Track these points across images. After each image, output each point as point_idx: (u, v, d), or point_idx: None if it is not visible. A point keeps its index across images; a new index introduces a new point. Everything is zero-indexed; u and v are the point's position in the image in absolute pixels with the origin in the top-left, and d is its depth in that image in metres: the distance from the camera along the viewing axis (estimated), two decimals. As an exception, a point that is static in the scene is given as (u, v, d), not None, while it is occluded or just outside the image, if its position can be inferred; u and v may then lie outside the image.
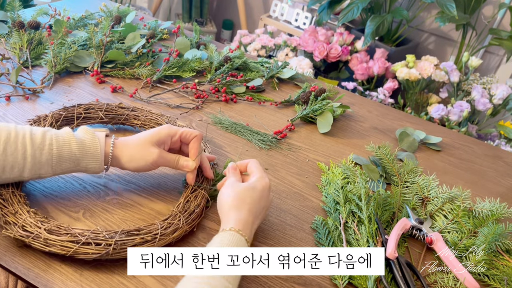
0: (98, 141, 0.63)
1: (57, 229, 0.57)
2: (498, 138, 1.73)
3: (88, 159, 0.63)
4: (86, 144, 0.62)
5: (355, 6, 1.97)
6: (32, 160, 0.59)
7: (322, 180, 0.81)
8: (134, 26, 1.16)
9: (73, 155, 0.61)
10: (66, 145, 0.61)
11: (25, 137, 0.59)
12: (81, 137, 0.63)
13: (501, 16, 2.11)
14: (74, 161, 0.62)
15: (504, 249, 0.70)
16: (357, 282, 0.61)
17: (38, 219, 0.58)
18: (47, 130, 0.61)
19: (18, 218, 0.58)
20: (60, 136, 0.61)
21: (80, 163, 0.62)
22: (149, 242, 0.58)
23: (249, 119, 0.97)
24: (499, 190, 0.89)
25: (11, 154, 0.58)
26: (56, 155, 0.60)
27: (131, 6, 2.46)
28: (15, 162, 0.58)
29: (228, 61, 1.10)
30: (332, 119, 0.97)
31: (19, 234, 0.56)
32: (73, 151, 0.61)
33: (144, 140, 0.66)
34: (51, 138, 0.60)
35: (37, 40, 1.05)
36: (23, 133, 0.59)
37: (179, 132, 0.68)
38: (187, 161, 0.68)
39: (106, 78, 1.00)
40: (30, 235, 0.56)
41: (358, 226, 0.70)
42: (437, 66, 1.97)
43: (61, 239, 0.56)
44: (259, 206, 0.61)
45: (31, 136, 0.59)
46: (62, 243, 0.55)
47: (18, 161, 0.58)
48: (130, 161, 0.65)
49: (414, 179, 0.83)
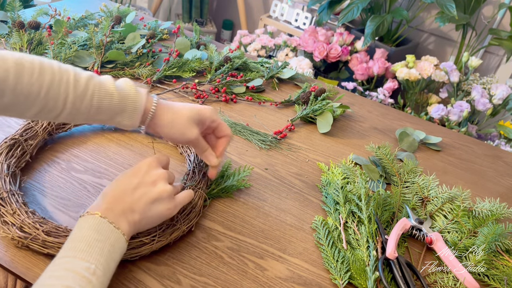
0: (140, 97, 0.61)
1: (56, 230, 0.57)
2: (498, 138, 1.73)
3: (125, 114, 0.60)
4: (128, 99, 0.60)
5: (355, 6, 1.97)
6: (71, 107, 0.56)
7: (322, 180, 0.81)
8: (134, 26, 1.16)
9: (112, 108, 0.59)
10: (108, 97, 0.58)
11: (69, 82, 0.55)
12: (123, 89, 0.60)
13: (501, 16, 2.11)
14: (110, 114, 0.59)
15: (504, 249, 0.70)
16: (357, 282, 0.61)
17: (37, 220, 0.58)
18: (91, 77, 0.58)
19: (16, 218, 0.57)
20: (103, 87, 0.58)
21: (116, 117, 0.60)
22: (147, 244, 0.58)
23: (249, 119, 0.97)
24: (499, 190, 0.89)
25: (52, 98, 0.55)
26: (96, 105, 0.57)
27: (131, 6, 2.46)
28: (54, 106, 0.55)
29: (228, 61, 1.10)
30: (332, 119, 0.97)
31: (17, 236, 0.56)
32: (113, 104, 0.58)
33: (188, 114, 0.64)
34: (93, 88, 0.57)
35: (37, 40, 1.05)
36: (67, 77, 0.56)
37: (218, 121, 0.68)
38: (213, 155, 0.68)
39: (106, 78, 1.00)
40: (29, 237, 0.56)
41: (358, 226, 0.70)
42: (437, 66, 1.97)
43: (60, 241, 0.56)
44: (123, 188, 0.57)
45: (74, 82, 0.56)
46: (60, 246, 0.55)
47: (58, 105, 0.55)
48: (168, 126, 0.63)
49: (414, 179, 0.83)
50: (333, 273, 0.62)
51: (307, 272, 0.63)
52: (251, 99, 1.03)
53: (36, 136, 0.73)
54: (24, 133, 0.72)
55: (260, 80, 1.09)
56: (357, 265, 0.63)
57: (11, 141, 0.69)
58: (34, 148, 0.72)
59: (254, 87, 1.06)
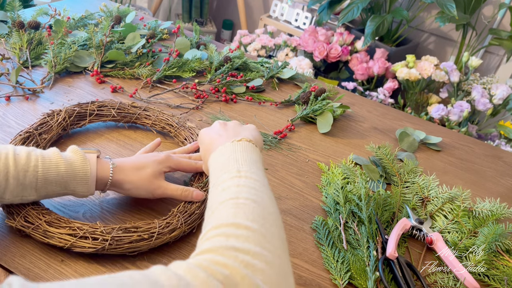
0: (88, 164, 0.59)
1: (57, 221, 0.58)
2: (498, 138, 1.73)
3: (76, 183, 0.58)
4: (75, 167, 0.58)
5: (355, 6, 1.97)
6: (14, 182, 0.54)
7: (322, 180, 0.81)
8: (134, 26, 1.16)
9: (60, 178, 0.57)
10: (53, 167, 0.56)
11: (8, 157, 0.54)
12: (70, 158, 0.58)
13: (501, 16, 2.11)
14: (61, 184, 0.58)
15: (504, 249, 0.70)
16: (357, 282, 0.61)
17: (40, 210, 0.59)
18: (32, 150, 0.57)
19: (21, 208, 0.59)
20: (46, 157, 0.57)
21: (68, 186, 0.58)
22: (145, 240, 0.59)
23: (249, 119, 0.96)
24: (499, 190, 0.89)
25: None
26: (41, 177, 0.56)
27: (131, 6, 2.46)
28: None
29: (228, 61, 1.10)
30: (332, 119, 0.97)
31: (21, 225, 0.57)
32: (61, 173, 0.57)
33: (150, 172, 0.64)
34: (36, 159, 0.56)
35: (37, 40, 1.05)
36: (6, 152, 0.55)
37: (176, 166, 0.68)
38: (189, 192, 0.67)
39: (106, 78, 1.00)
40: (31, 226, 0.57)
41: (358, 226, 0.70)
42: (437, 66, 1.97)
43: (60, 232, 0.57)
44: None
45: (14, 156, 0.54)
46: (60, 236, 0.56)
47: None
48: (133, 189, 0.63)
49: (414, 179, 0.83)
50: (333, 273, 0.62)
51: (307, 272, 0.63)
52: (251, 99, 1.03)
53: (51, 131, 0.75)
54: (39, 127, 0.74)
55: (260, 80, 1.09)
56: (357, 265, 0.63)
57: (25, 134, 0.71)
58: (47, 142, 0.74)
59: (254, 87, 1.06)
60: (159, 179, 0.65)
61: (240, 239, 0.39)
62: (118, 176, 0.62)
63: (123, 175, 0.62)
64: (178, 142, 0.82)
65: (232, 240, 0.39)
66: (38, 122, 0.75)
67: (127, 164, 0.64)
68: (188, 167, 0.69)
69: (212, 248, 0.38)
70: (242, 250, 0.38)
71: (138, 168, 0.64)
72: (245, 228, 0.40)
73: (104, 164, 0.61)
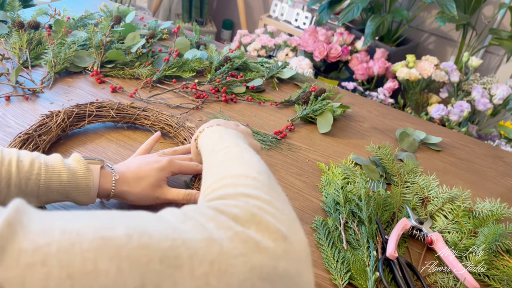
0: (91, 175, 0.58)
1: None
2: (498, 138, 1.73)
3: (78, 193, 0.58)
4: (78, 177, 0.57)
5: (355, 6, 1.97)
6: (15, 190, 0.53)
7: (322, 180, 0.81)
8: (134, 26, 1.16)
9: (61, 188, 0.56)
10: (56, 176, 0.55)
11: (11, 164, 0.53)
12: (73, 168, 0.57)
13: (501, 16, 2.10)
14: (62, 194, 0.57)
15: (504, 249, 0.70)
16: (357, 282, 0.61)
17: None
18: (36, 158, 0.56)
19: None
20: (49, 165, 0.56)
21: (69, 195, 0.58)
22: None
23: (249, 119, 0.96)
24: (499, 190, 0.89)
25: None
26: (43, 186, 0.55)
27: (131, 6, 2.46)
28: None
29: (228, 61, 1.10)
30: (332, 119, 0.97)
31: None
32: (63, 183, 0.56)
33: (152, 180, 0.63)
34: (39, 167, 0.55)
35: (37, 40, 1.05)
36: (9, 158, 0.53)
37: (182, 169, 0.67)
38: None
39: (106, 78, 1.00)
40: None
41: (358, 226, 0.69)
42: (437, 66, 1.97)
43: None
44: None
45: (17, 163, 0.53)
46: None
47: (0, 189, 0.52)
48: (137, 197, 0.63)
49: (414, 179, 0.83)
50: (333, 274, 0.62)
51: (307, 272, 0.63)
52: (251, 99, 1.03)
53: (50, 132, 0.74)
54: (38, 128, 0.73)
55: (260, 80, 1.09)
56: (357, 266, 0.63)
57: (24, 135, 0.71)
58: (47, 144, 0.73)
59: (254, 87, 1.06)
60: (161, 186, 0.64)
61: (249, 187, 0.38)
62: (120, 188, 0.61)
63: (126, 187, 0.62)
64: (178, 142, 0.82)
65: (241, 188, 0.38)
66: (37, 124, 0.74)
67: (129, 173, 0.63)
68: (190, 170, 0.69)
69: (220, 196, 0.37)
70: (253, 196, 0.36)
71: (140, 178, 0.63)
72: (253, 179, 0.39)
73: (107, 175, 0.60)
